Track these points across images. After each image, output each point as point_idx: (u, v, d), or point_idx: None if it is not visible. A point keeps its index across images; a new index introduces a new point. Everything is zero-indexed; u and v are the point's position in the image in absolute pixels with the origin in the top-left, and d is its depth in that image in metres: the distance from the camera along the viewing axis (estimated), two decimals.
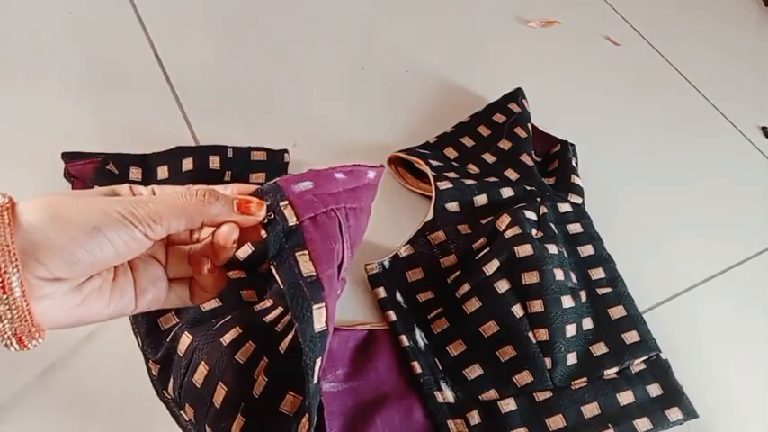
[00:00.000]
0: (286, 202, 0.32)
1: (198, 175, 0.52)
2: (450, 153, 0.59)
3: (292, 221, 0.32)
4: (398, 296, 0.49)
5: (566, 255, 0.51)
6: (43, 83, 0.59)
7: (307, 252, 0.32)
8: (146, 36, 0.65)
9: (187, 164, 0.52)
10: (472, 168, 0.57)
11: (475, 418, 0.44)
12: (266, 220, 0.32)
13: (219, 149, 0.54)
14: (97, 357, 0.44)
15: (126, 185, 0.31)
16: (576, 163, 0.59)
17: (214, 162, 0.53)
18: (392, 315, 0.47)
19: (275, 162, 0.55)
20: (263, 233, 0.32)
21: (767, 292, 0.57)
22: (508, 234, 0.49)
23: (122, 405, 0.43)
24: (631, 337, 0.49)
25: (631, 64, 0.74)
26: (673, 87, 0.73)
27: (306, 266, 0.32)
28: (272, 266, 0.32)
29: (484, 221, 0.52)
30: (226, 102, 0.61)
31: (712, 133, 0.69)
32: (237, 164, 0.54)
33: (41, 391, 0.43)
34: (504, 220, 0.50)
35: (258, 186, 0.33)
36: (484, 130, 0.60)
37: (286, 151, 0.56)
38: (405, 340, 0.46)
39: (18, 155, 0.53)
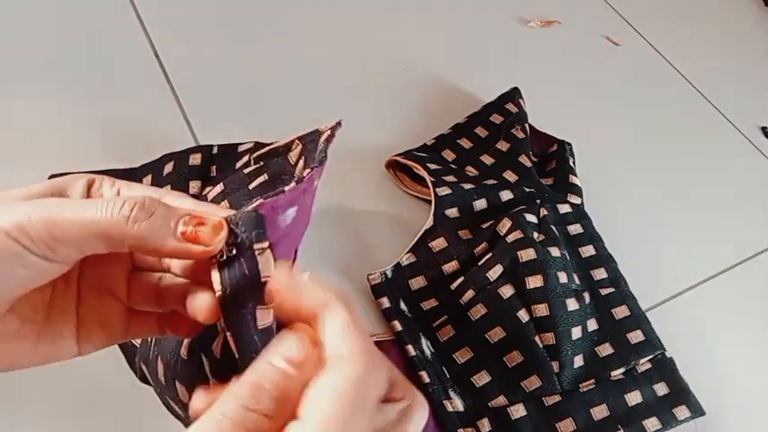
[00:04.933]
0: (266, 245, 0.22)
1: (178, 176, 0.49)
2: (449, 155, 0.59)
3: (268, 272, 0.23)
4: (402, 305, 0.49)
5: (567, 257, 0.51)
6: (43, 83, 0.58)
7: (270, 309, 0.24)
8: (146, 36, 0.65)
9: (168, 167, 0.51)
10: (471, 170, 0.57)
11: (485, 425, 0.44)
12: (224, 257, 0.22)
13: (203, 147, 0.52)
14: (98, 354, 0.44)
15: (82, 180, 0.24)
16: (574, 162, 0.59)
17: (195, 159, 0.50)
18: (397, 325, 0.47)
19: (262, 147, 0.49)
20: (215, 276, 0.22)
21: (767, 292, 0.57)
22: (510, 239, 0.49)
23: (124, 404, 0.43)
24: (636, 336, 0.49)
25: (631, 64, 0.74)
26: (673, 87, 0.73)
27: (264, 317, 0.24)
28: (222, 321, 0.23)
29: (484, 226, 0.52)
30: (226, 101, 0.61)
31: (712, 133, 0.69)
32: (224, 157, 0.51)
33: (42, 391, 0.43)
34: (505, 224, 0.50)
35: (230, 211, 0.23)
36: (481, 132, 0.60)
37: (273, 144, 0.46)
38: (411, 350, 0.46)
39: (17, 155, 0.53)
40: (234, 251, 0.22)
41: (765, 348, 0.53)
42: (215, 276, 0.22)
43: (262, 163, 0.34)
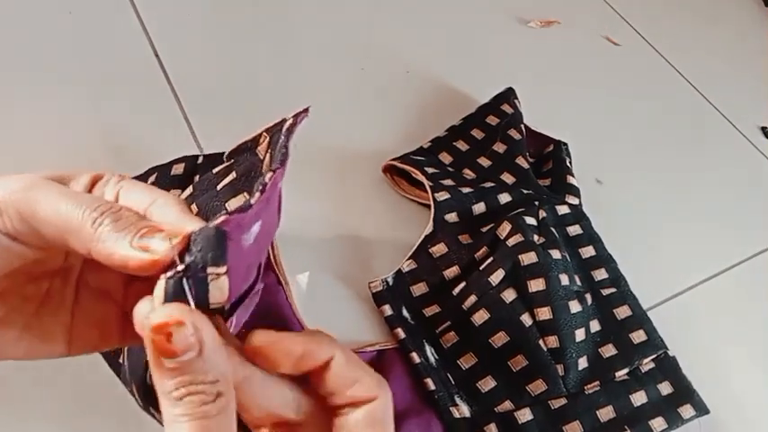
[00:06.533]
0: (222, 270, 0.20)
1: (159, 187, 0.47)
2: (445, 158, 0.58)
3: (217, 301, 0.20)
4: (405, 312, 0.49)
5: (568, 258, 0.51)
6: (42, 83, 0.58)
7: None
8: (146, 36, 0.64)
9: (151, 179, 0.50)
10: (468, 173, 0.57)
11: (493, 431, 0.44)
12: (171, 273, 0.19)
13: (188, 158, 0.50)
14: (98, 355, 0.44)
15: (88, 175, 0.23)
16: (570, 162, 0.59)
17: (177, 169, 0.49)
18: (401, 332, 0.47)
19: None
20: (158, 293, 0.19)
21: (767, 292, 0.57)
22: (510, 242, 0.49)
23: (124, 403, 0.42)
24: (639, 336, 0.49)
25: (631, 64, 0.74)
26: (673, 87, 0.73)
27: None
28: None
29: (484, 230, 0.52)
30: (226, 102, 0.61)
31: (712, 133, 0.69)
32: (207, 166, 0.49)
33: (42, 391, 0.43)
34: (505, 227, 0.50)
35: (200, 224, 0.20)
36: (478, 134, 0.60)
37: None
38: (416, 357, 0.46)
39: (17, 156, 0.53)
40: (183, 269, 0.19)
41: (763, 350, 0.53)
42: (158, 293, 0.19)
43: (232, 160, 0.33)
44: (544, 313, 0.46)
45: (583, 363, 0.46)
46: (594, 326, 0.49)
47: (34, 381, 0.43)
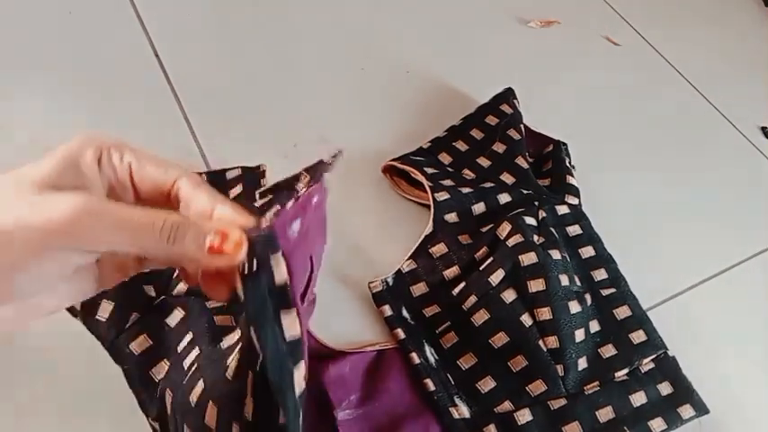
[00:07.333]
0: (279, 254, 0.26)
1: None
2: (445, 158, 0.58)
3: (281, 279, 0.26)
4: (405, 312, 0.49)
5: (568, 259, 0.51)
6: (42, 83, 0.59)
7: (294, 311, 0.27)
8: (146, 36, 0.65)
9: None
10: (468, 174, 0.57)
11: (492, 431, 0.44)
12: (245, 270, 0.25)
13: None
14: (98, 355, 0.44)
15: (90, 151, 0.26)
16: (570, 162, 0.59)
17: None
18: (400, 333, 0.47)
19: (251, 175, 0.53)
20: (239, 286, 0.25)
21: (767, 292, 0.57)
22: (510, 242, 0.49)
23: (123, 403, 0.42)
24: (638, 336, 0.49)
25: (631, 64, 0.74)
26: (673, 87, 0.73)
27: (291, 328, 0.27)
28: (250, 329, 0.26)
29: (484, 230, 0.52)
30: (226, 102, 0.61)
31: (712, 133, 0.69)
32: (213, 185, 0.50)
33: (42, 390, 0.43)
34: (505, 227, 0.50)
35: (245, 219, 0.26)
36: (477, 134, 0.60)
37: (261, 168, 0.53)
38: (415, 358, 0.46)
39: (16, 156, 0.53)
40: (255, 266, 0.25)
41: (762, 350, 0.53)
42: (241, 289, 0.25)
43: (271, 196, 0.33)
44: (544, 314, 0.46)
45: (582, 363, 0.46)
46: (594, 326, 0.49)
47: (34, 381, 0.43)
